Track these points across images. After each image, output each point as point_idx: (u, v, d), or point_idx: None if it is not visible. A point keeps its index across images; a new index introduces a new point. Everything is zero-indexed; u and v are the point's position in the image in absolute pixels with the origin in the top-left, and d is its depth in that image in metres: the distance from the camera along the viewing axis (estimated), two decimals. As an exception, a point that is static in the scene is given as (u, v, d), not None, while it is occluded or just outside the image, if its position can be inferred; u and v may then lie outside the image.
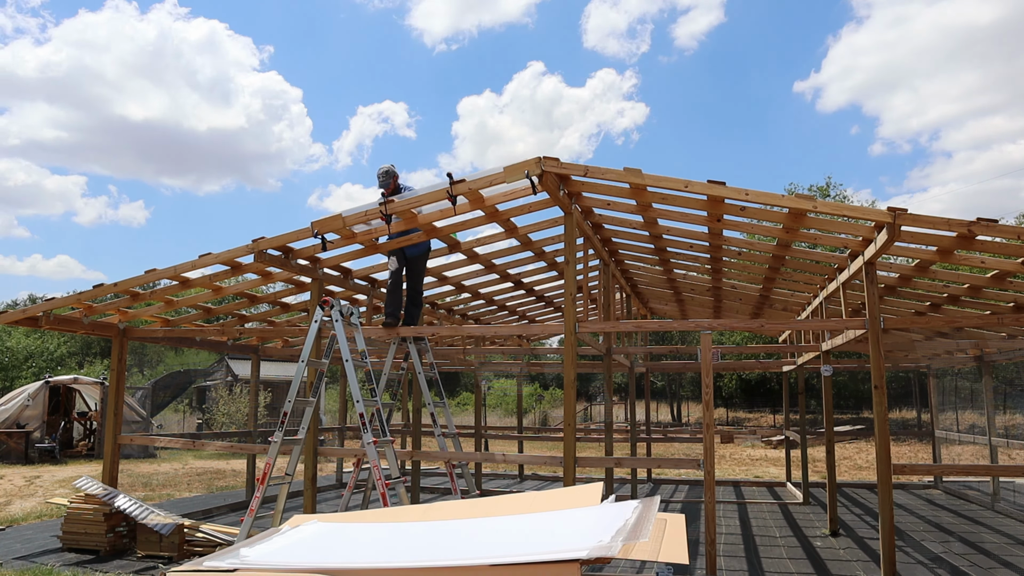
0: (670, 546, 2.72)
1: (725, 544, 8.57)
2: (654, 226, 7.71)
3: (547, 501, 3.37)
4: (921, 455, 19.79)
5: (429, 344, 8.53)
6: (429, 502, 5.84)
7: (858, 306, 9.44)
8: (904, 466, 6.68)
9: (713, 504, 6.29)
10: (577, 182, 6.56)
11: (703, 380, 6.44)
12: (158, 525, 7.44)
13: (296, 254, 7.44)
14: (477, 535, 2.99)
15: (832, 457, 9.58)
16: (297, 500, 10.96)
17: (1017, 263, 6.70)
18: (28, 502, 11.60)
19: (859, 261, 6.82)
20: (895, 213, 5.63)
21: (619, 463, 7.11)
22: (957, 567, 7.49)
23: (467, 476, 8.22)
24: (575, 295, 6.63)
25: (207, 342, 11.38)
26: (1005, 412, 17.22)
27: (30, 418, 18.30)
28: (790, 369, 12.63)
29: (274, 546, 3.00)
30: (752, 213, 6.74)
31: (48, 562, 7.28)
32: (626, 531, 2.65)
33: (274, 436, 6.96)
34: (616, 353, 9.60)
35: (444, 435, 8.26)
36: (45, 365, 29.20)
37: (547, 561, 2.37)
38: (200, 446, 10.72)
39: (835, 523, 9.37)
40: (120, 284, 8.00)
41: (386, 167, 7.95)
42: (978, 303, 8.96)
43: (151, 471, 16.00)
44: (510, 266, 10.05)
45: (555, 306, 13.62)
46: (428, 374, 8.26)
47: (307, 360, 6.98)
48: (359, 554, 2.92)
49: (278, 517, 7.00)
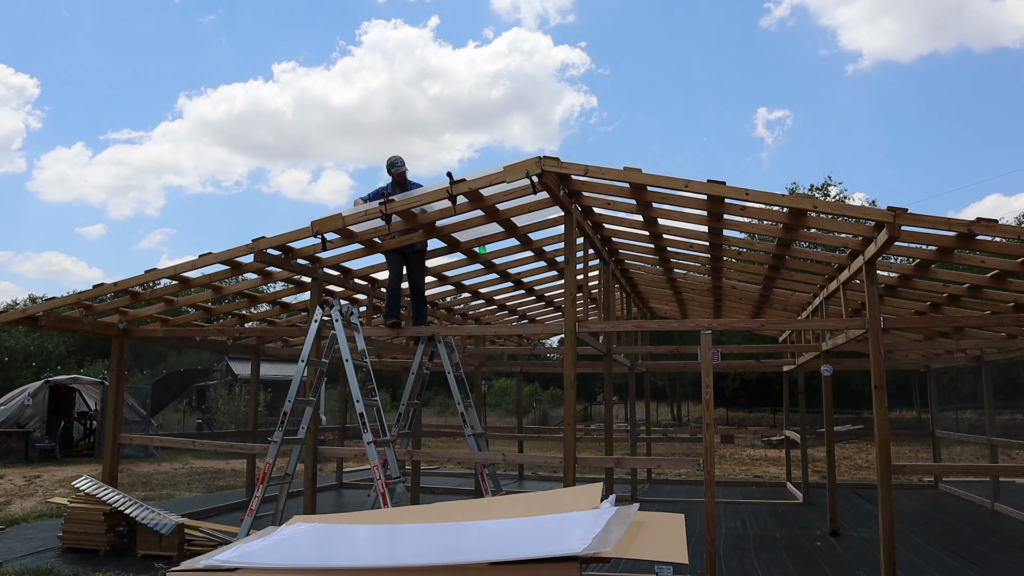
0: (670, 545, 2.72)
1: (725, 544, 8.57)
2: (654, 226, 7.71)
3: (546, 501, 3.37)
4: (921, 455, 19.78)
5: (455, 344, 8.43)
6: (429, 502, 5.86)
7: (858, 306, 9.44)
8: (904, 466, 6.70)
9: (713, 504, 6.29)
10: (577, 181, 6.56)
11: (703, 380, 6.44)
12: (158, 524, 7.44)
13: (296, 254, 7.44)
14: (477, 535, 2.99)
15: (832, 457, 9.58)
16: (297, 500, 10.95)
17: (1017, 263, 6.70)
18: (28, 502, 11.60)
19: (859, 261, 6.82)
20: (895, 213, 5.63)
21: (619, 463, 7.11)
22: (957, 568, 7.49)
23: (495, 477, 8.09)
24: (575, 295, 6.63)
25: (207, 342, 11.38)
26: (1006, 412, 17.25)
27: (30, 418, 18.30)
28: (790, 369, 12.63)
29: (274, 545, 3.00)
30: (752, 213, 6.75)
31: (48, 562, 7.28)
32: (625, 530, 2.65)
33: (274, 436, 6.96)
34: (616, 353, 9.59)
35: (473, 436, 8.08)
36: (45, 365, 29.18)
37: (547, 559, 2.37)
38: (200, 446, 10.71)
39: (835, 523, 9.37)
40: (120, 284, 8.01)
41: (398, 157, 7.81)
42: (978, 303, 8.96)
43: (151, 471, 16.00)
44: (510, 266, 10.06)
45: (555, 306, 13.62)
46: (456, 374, 8.16)
47: (307, 360, 6.99)
48: (359, 553, 2.92)
49: (278, 517, 7.00)
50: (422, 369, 8.38)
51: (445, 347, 8.12)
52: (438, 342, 8.10)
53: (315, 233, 6.93)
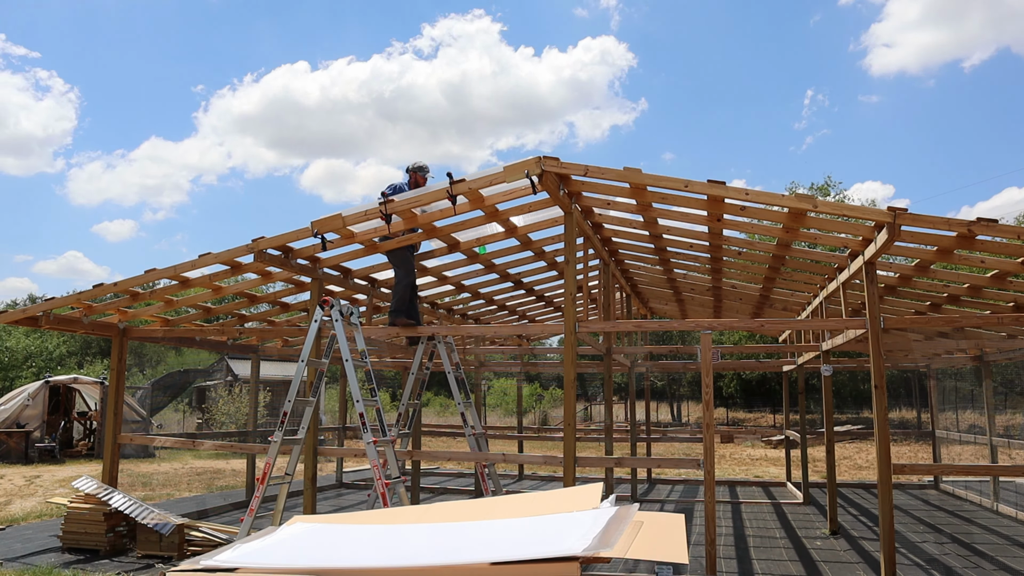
0: (670, 546, 2.72)
1: (725, 544, 8.57)
2: (654, 226, 7.71)
3: (546, 501, 3.37)
4: (921, 455, 19.78)
5: (455, 344, 8.45)
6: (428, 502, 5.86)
7: (858, 306, 9.44)
8: (904, 466, 6.69)
9: (713, 504, 6.29)
10: (577, 182, 6.56)
11: (703, 380, 6.44)
12: (158, 525, 7.43)
13: (296, 254, 7.44)
14: (477, 535, 2.99)
15: (832, 457, 9.58)
16: (297, 500, 10.95)
17: (1017, 263, 6.70)
18: (28, 502, 11.60)
19: (859, 261, 6.82)
20: (895, 213, 5.63)
21: (619, 463, 7.10)
22: (957, 568, 7.49)
23: (495, 477, 8.12)
24: (575, 295, 6.63)
25: (207, 342, 11.37)
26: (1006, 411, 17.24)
27: (30, 418, 18.29)
28: (790, 369, 12.63)
29: (274, 546, 3.00)
30: (752, 213, 6.74)
31: (48, 562, 7.28)
32: (625, 530, 2.65)
33: (274, 436, 6.96)
34: (616, 353, 9.59)
35: (473, 435, 8.12)
36: (45, 365, 29.18)
37: (547, 559, 2.37)
38: (199, 446, 10.71)
39: (835, 523, 9.37)
40: (120, 284, 8.00)
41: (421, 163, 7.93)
42: (978, 303, 8.96)
43: (151, 471, 16.00)
44: (510, 266, 10.06)
45: (555, 306, 13.62)
46: (455, 374, 8.19)
47: (307, 360, 6.98)
48: (359, 554, 2.91)
49: (278, 516, 7.00)
50: (422, 369, 8.38)
51: (445, 347, 8.12)
52: (438, 342, 8.10)
53: (315, 233, 6.93)
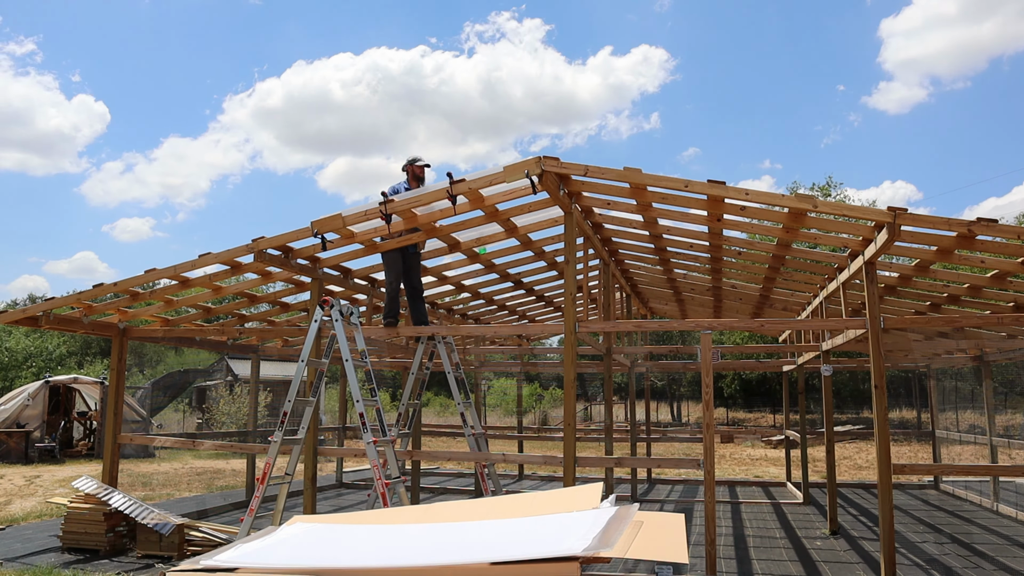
0: (670, 545, 2.72)
1: (725, 544, 8.57)
2: (654, 226, 7.71)
3: (546, 501, 3.37)
4: (921, 455, 19.77)
5: (455, 343, 8.43)
6: (428, 502, 5.87)
7: (858, 306, 9.44)
8: (904, 466, 6.69)
9: (713, 504, 6.29)
10: (577, 182, 6.56)
11: (703, 380, 6.44)
12: (158, 525, 7.43)
13: (296, 254, 7.44)
14: (477, 535, 2.99)
15: (832, 457, 9.58)
16: (297, 500, 10.95)
17: (1017, 263, 6.70)
18: (28, 502, 11.60)
19: (859, 261, 6.82)
20: (895, 213, 5.63)
21: (619, 463, 7.11)
22: (957, 568, 7.49)
23: (495, 477, 8.10)
24: (575, 295, 6.62)
25: (207, 342, 11.37)
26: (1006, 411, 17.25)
27: (30, 418, 18.29)
28: (790, 369, 12.63)
29: (274, 546, 2.99)
30: (752, 213, 6.74)
31: (48, 562, 7.28)
32: (625, 530, 2.65)
33: (274, 436, 6.96)
34: (616, 353, 9.59)
35: (473, 435, 8.10)
36: (45, 365, 29.18)
37: (547, 559, 2.37)
38: (199, 446, 10.71)
39: (835, 523, 9.37)
40: (120, 284, 8.00)
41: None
42: (978, 303, 8.96)
43: (151, 471, 16.00)
44: (510, 266, 10.06)
45: (555, 306, 13.62)
46: (455, 374, 8.18)
47: (307, 360, 6.98)
48: (359, 554, 2.91)
49: (278, 516, 7.00)
50: (422, 369, 8.38)
51: (445, 347, 8.12)
52: (438, 342, 8.10)
53: (315, 233, 6.93)
